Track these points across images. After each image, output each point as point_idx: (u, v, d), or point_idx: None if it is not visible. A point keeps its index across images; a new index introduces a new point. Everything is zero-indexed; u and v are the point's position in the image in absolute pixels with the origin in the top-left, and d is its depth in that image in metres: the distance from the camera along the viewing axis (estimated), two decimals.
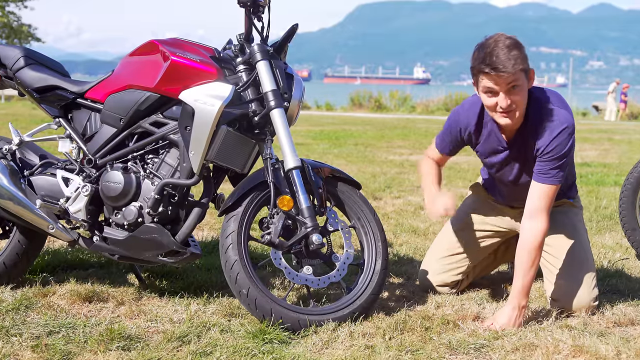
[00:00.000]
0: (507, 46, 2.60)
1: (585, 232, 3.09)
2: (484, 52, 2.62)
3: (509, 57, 2.58)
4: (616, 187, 6.66)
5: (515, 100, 2.67)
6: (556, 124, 2.72)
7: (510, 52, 2.59)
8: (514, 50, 2.60)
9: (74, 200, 2.88)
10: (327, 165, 2.90)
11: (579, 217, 3.12)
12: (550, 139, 2.72)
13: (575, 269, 2.95)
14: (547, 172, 2.74)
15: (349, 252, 2.82)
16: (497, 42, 2.62)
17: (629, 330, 2.79)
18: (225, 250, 2.67)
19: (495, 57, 2.58)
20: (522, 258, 2.77)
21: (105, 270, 3.40)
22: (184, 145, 2.75)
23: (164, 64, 2.78)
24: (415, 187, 6.47)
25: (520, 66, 2.61)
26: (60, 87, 3.01)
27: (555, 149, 2.72)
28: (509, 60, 2.58)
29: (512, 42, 2.63)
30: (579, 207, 3.16)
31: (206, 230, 4.37)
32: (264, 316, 2.61)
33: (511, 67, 2.58)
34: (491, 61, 2.59)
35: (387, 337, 2.58)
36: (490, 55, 2.60)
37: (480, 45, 2.67)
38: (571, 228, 3.04)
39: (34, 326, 2.58)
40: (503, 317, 2.76)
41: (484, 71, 2.62)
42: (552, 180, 2.75)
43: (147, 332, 2.59)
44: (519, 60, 2.60)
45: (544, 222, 2.76)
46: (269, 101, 2.72)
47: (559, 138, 2.72)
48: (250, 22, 2.78)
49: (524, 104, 2.71)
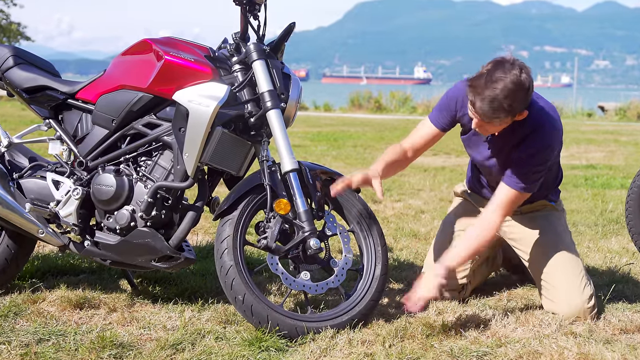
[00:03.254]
0: (504, 92, 2.57)
1: (568, 235, 3.10)
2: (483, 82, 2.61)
3: (494, 108, 2.60)
4: (622, 190, 6.61)
5: (489, 129, 2.74)
6: (545, 139, 2.79)
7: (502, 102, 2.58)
8: (507, 99, 2.58)
9: (64, 203, 2.86)
10: (325, 168, 2.88)
11: (561, 220, 3.14)
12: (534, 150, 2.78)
13: (560, 274, 2.96)
14: (513, 176, 2.82)
15: (347, 257, 2.80)
16: (500, 82, 2.58)
17: (635, 337, 2.76)
18: (221, 255, 2.65)
19: (483, 99, 2.60)
20: (472, 231, 2.86)
21: (96, 276, 3.38)
22: (177, 147, 2.74)
23: (158, 63, 2.77)
24: (417, 190, 6.44)
25: (501, 118, 2.64)
26: (50, 87, 2.98)
27: (534, 159, 2.80)
28: (491, 110, 2.60)
29: (513, 89, 2.58)
30: (560, 211, 3.18)
31: (201, 235, 4.35)
32: (260, 323, 2.59)
33: (489, 116, 2.63)
34: (477, 97, 2.61)
35: (387, 344, 2.55)
36: (482, 90, 2.60)
37: (489, 71, 2.63)
38: (553, 234, 3.05)
39: (23, 334, 2.55)
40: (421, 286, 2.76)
41: (469, 96, 2.66)
42: (516, 186, 2.82)
43: (140, 340, 2.57)
44: (503, 114, 2.61)
45: (499, 218, 2.85)
46: (266, 102, 2.71)
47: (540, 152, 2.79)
48: (246, 20, 2.77)
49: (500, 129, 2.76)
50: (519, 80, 2.59)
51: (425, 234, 4.55)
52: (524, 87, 2.60)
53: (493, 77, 2.59)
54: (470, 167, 3.26)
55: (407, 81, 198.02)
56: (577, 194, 6.32)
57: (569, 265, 2.97)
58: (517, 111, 2.65)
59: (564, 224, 3.14)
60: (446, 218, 3.31)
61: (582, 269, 2.98)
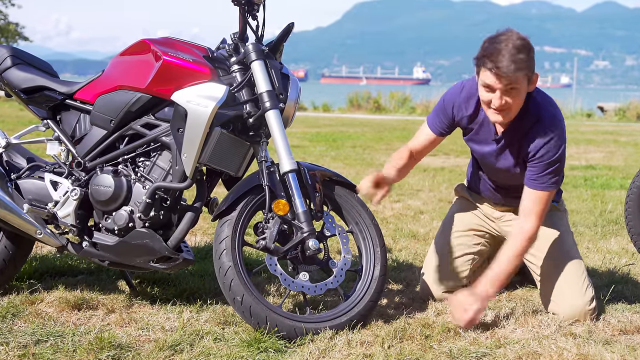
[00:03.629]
0: (516, 47, 2.60)
1: (571, 236, 3.09)
2: (492, 47, 2.63)
3: (514, 60, 2.59)
4: (622, 191, 6.60)
5: (511, 101, 2.68)
6: (550, 129, 2.75)
7: (517, 55, 2.59)
8: (521, 53, 2.60)
9: (62, 204, 2.85)
10: (324, 168, 2.87)
11: (563, 221, 3.12)
12: (542, 143, 2.76)
13: (562, 275, 2.94)
14: (538, 178, 2.78)
15: (346, 258, 2.79)
16: (508, 41, 2.61)
17: (635, 338, 2.75)
18: (219, 256, 2.63)
19: (501, 56, 2.59)
20: (505, 249, 2.81)
21: (94, 276, 3.37)
22: (176, 148, 2.73)
23: (156, 64, 2.76)
24: (416, 190, 6.43)
25: (524, 71, 2.62)
26: (48, 87, 2.97)
27: (546, 154, 2.76)
28: (513, 64, 2.59)
29: (522, 44, 2.62)
30: (562, 211, 3.16)
31: (199, 236, 4.34)
32: (259, 324, 2.58)
33: (513, 70, 2.59)
34: (496, 59, 2.60)
35: (386, 345, 2.54)
36: (497, 52, 2.61)
37: (490, 39, 2.67)
38: (555, 234, 3.03)
39: (21, 335, 2.54)
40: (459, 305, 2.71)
41: (487, 67, 2.63)
42: (544, 187, 2.79)
43: (138, 341, 2.56)
44: (524, 65, 2.61)
45: (535, 224, 2.79)
46: (264, 102, 2.70)
47: (549, 144, 2.75)
48: (245, 20, 2.76)
49: (518, 106, 2.72)
50: (522, 37, 2.63)
51: (424, 234, 4.54)
52: (529, 44, 2.63)
53: (498, 39, 2.63)
54: (470, 167, 3.24)
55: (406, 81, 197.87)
56: (577, 195, 6.31)
57: (572, 267, 2.95)
58: (532, 68, 2.64)
59: (566, 224, 3.12)
60: (446, 218, 3.29)
61: (584, 271, 2.97)
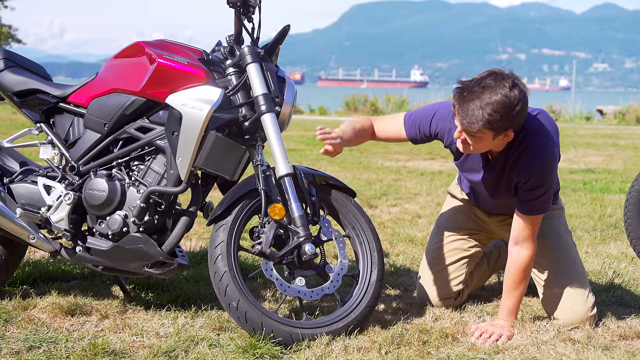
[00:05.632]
0: (491, 104, 2.47)
1: (569, 237, 3.05)
2: (469, 95, 2.51)
3: (481, 118, 2.48)
4: (621, 195, 6.59)
5: (472, 145, 2.61)
6: (537, 160, 2.66)
7: (488, 114, 2.47)
8: (497, 112, 2.46)
9: (55, 209, 2.83)
10: (320, 172, 2.86)
11: (561, 220, 3.07)
12: (529, 176, 2.67)
13: (564, 280, 2.92)
14: (528, 203, 2.73)
15: (343, 263, 2.77)
16: (490, 94, 2.47)
17: (634, 344, 2.74)
18: (214, 261, 2.62)
19: (469, 111, 2.50)
20: (507, 280, 2.81)
21: (88, 282, 3.35)
22: (171, 152, 2.72)
23: (150, 66, 2.75)
24: (413, 194, 6.41)
25: (492, 130, 2.51)
26: (41, 90, 2.96)
27: (535, 182, 2.68)
28: (478, 122, 2.49)
29: (503, 103, 2.46)
30: (559, 208, 3.10)
31: (194, 240, 4.33)
32: (255, 330, 2.56)
33: (476, 129, 2.51)
34: (462, 111, 2.52)
35: (383, 351, 2.54)
36: (467, 103, 2.51)
37: (477, 81, 2.53)
38: (555, 237, 3.00)
39: (14, 341, 2.53)
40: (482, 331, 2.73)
41: (455, 108, 2.56)
42: (535, 211, 2.74)
43: (132, 347, 2.55)
44: (493, 125, 2.48)
45: (530, 249, 2.77)
46: (260, 105, 2.69)
47: (537, 173, 2.67)
48: (240, 23, 2.76)
49: (483, 149, 2.66)
50: (508, 94, 2.46)
51: (422, 239, 4.52)
52: (513, 102, 2.47)
53: (480, 88, 2.50)
54: (464, 180, 3.17)
55: (403, 84, 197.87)
56: (576, 199, 6.30)
57: (573, 272, 2.92)
58: (507, 127, 2.51)
59: (564, 223, 3.08)
60: (439, 220, 3.25)
61: (584, 275, 2.95)
